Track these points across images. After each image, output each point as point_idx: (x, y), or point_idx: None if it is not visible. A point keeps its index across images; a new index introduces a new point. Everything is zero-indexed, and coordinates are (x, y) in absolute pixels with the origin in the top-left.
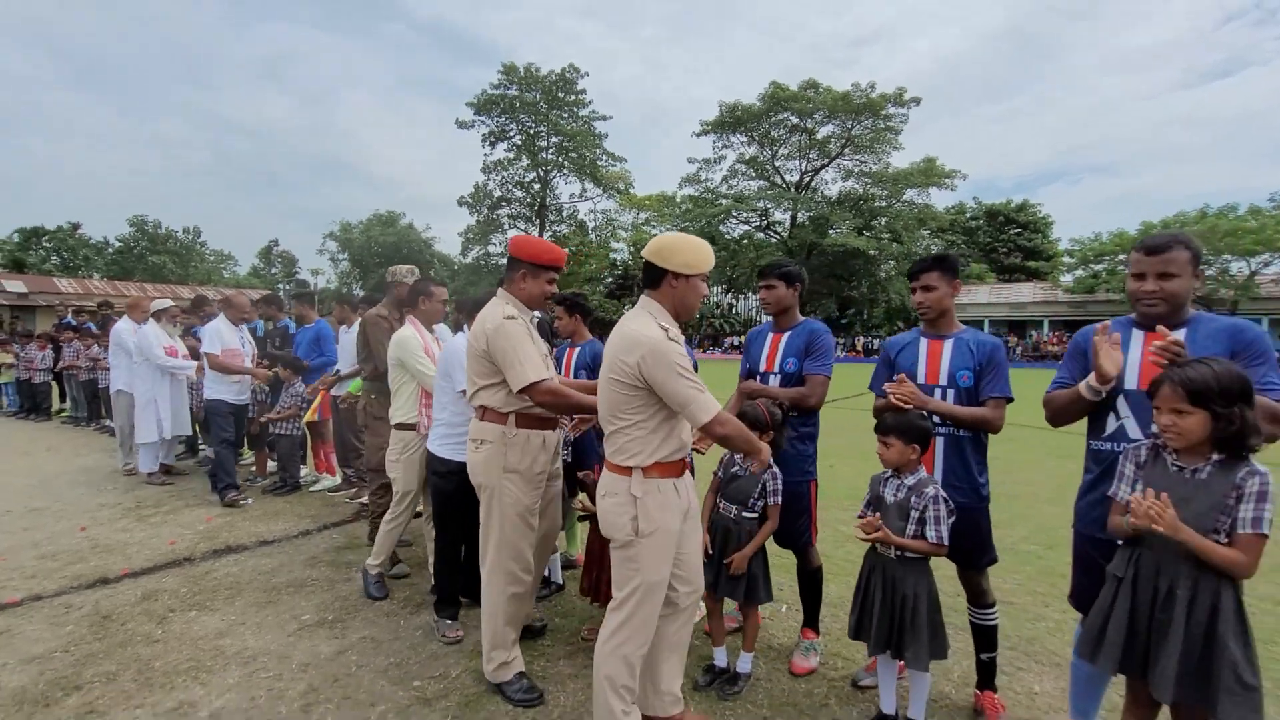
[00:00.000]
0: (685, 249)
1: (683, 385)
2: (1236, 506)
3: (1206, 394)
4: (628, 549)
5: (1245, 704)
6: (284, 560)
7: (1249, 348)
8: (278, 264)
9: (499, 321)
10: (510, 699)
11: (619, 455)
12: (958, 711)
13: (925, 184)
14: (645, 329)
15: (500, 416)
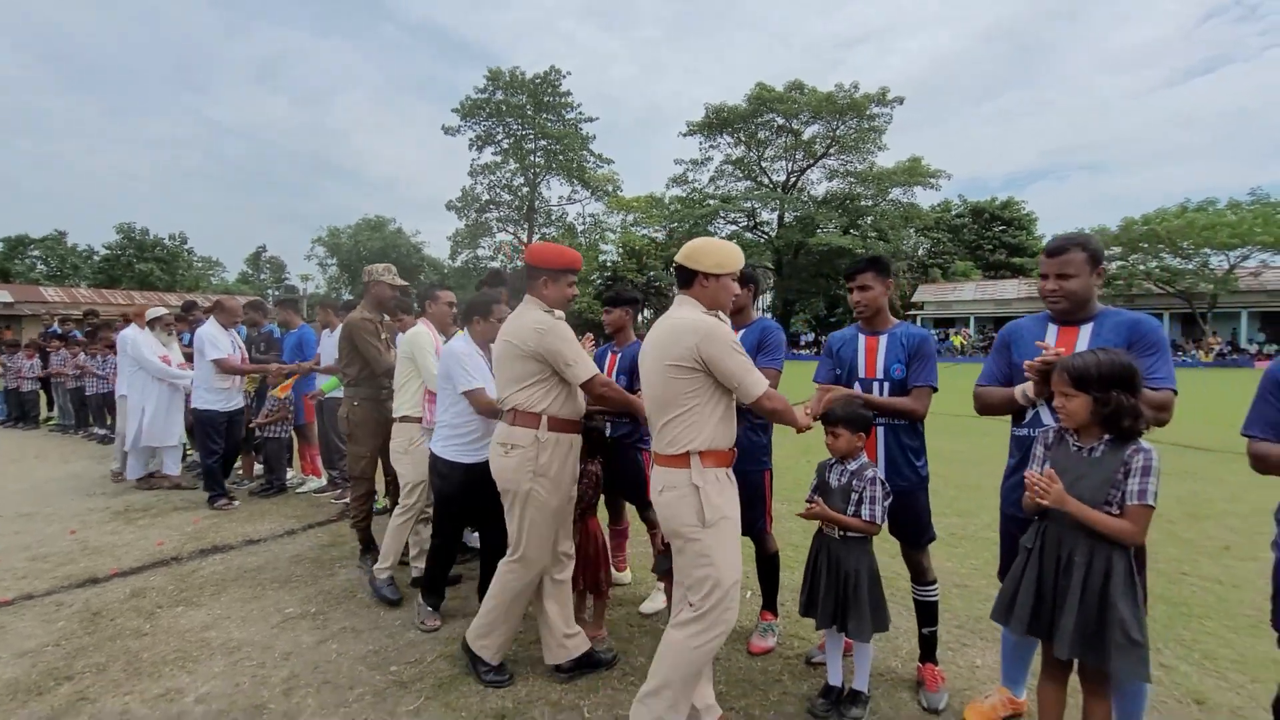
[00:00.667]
0: (715, 251)
1: (737, 360)
2: (1125, 481)
3: (1086, 379)
4: (696, 543)
5: (1133, 657)
6: (269, 558)
7: (1143, 339)
8: (266, 270)
9: (550, 321)
10: (481, 677)
11: (673, 445)
12: (902, 684)
13: (910, 183)
14: (696, 315)
15: (533, 419)
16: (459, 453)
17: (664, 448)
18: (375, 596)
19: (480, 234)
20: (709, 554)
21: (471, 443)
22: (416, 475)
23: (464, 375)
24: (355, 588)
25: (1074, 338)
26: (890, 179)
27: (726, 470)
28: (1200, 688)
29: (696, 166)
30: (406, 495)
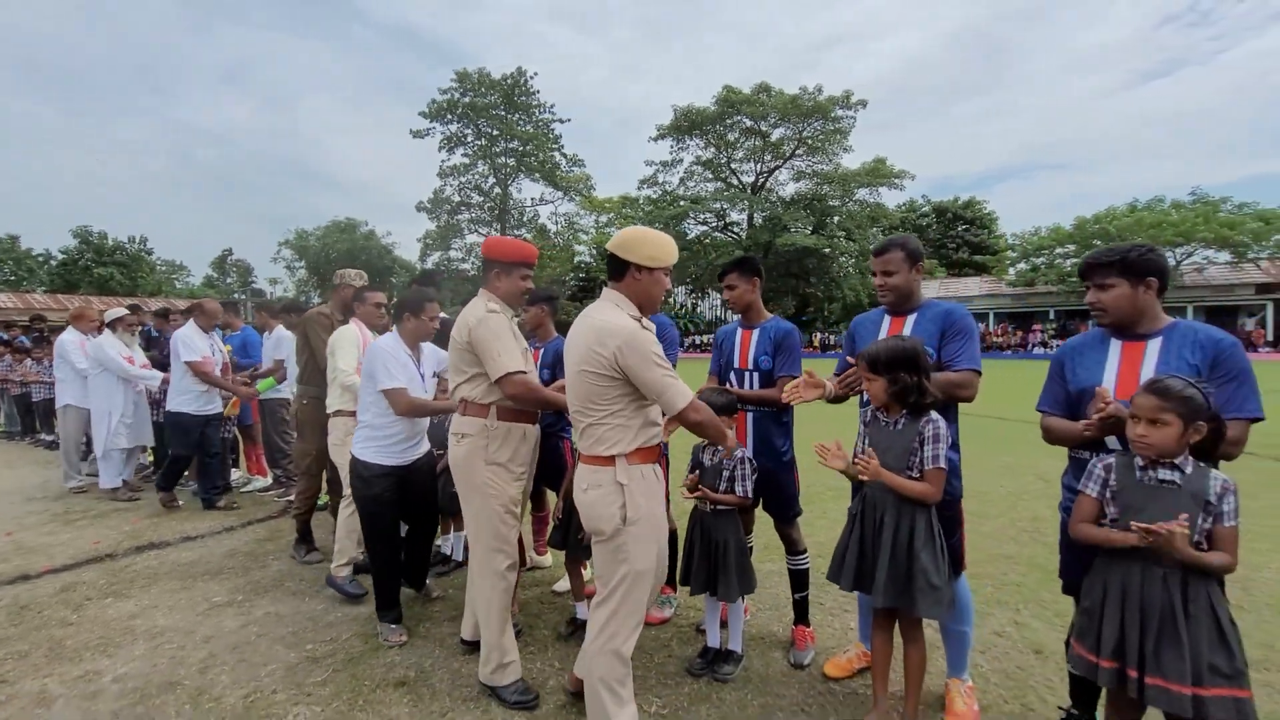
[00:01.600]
0: (649, 241)
1: (659, 374)
2: (921, 449)
3: (877, 364)
4: (615, 539)
5: (932, 599)
6: (204, 553)
7: (952, 327)
8: (233, 273)
9: (482, 314)
10: (505, 700)
11: (599, 446)
12: (778, 644)
13: (874, 183)
14: (617, 319)
15: (481, 409)
16: (379, 454)
17: (588, 448)
18: (337, 591)
19: (451, 236)
20: (627, 548)
21: (396, 444)
22: None
23: (384, 373)
24: (285, 577)
25: (901, 326)
26: (855, 180)
27: (654, 466)
28: (1043, 640)
29: (667, 168)
30: (348, 486)
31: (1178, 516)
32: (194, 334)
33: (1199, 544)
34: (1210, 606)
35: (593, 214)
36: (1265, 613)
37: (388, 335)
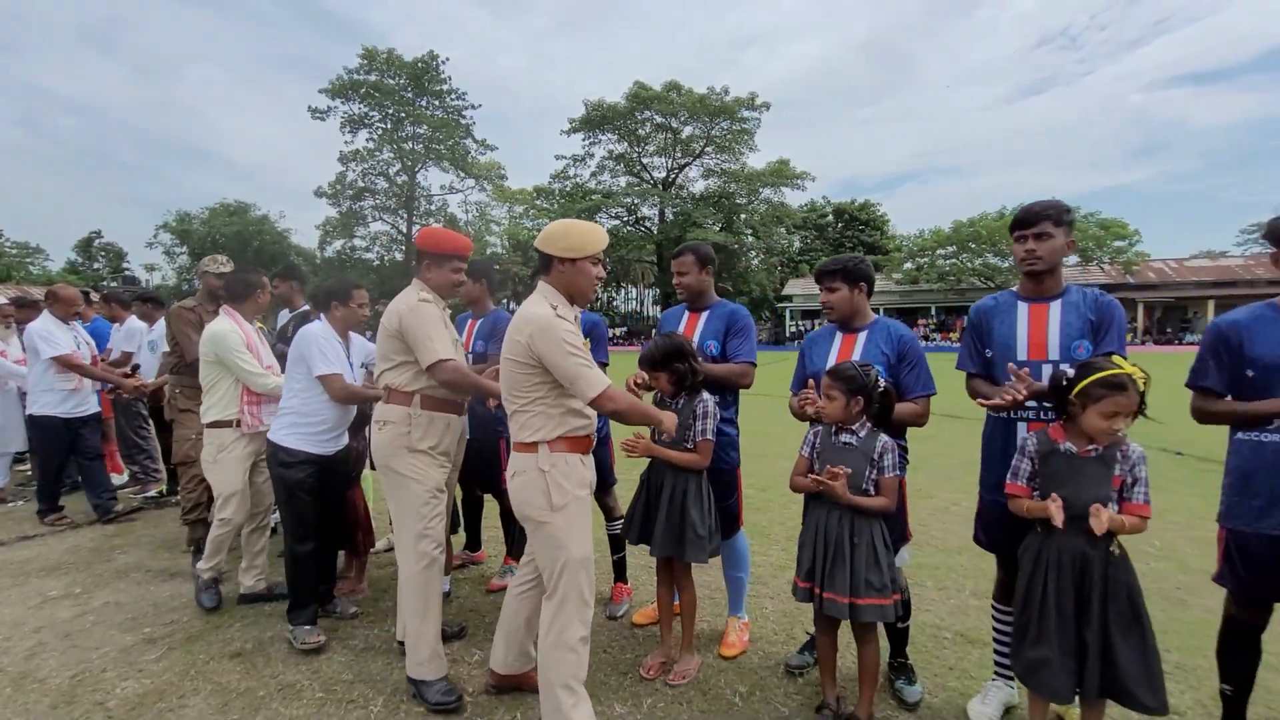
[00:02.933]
0: (570, 234)
1: (570, 362)
2: (694, 424)
3: (654, 361)
4: (545, 527)
5: (698, 547)
6: (43, 550)
7: (733, 325)
8: (101, 258)
9: (414, 303)
10: (428, 701)
11: (523, 432)
12: (600, 603)
13: (778, 183)
14: (536, 309)
15: (405, 397)
16: (304, 441)
17: (516, 434)
18: (195, 601)
19: (354, 223)
20: (558, 536)
21: (321, 433)
22: (229, 485)
23: (320, 359)
24: (130, 569)
25: (696, 322)
26: (760, 179)
27: (580, 456)
28: None
29: (579, 162)
30: (222, 507)
31: (841, 470)
32: (52, 326)
33: (867, 490)
34: (871, 538)
35: (505, 204)
36: None
37: (316, 322)
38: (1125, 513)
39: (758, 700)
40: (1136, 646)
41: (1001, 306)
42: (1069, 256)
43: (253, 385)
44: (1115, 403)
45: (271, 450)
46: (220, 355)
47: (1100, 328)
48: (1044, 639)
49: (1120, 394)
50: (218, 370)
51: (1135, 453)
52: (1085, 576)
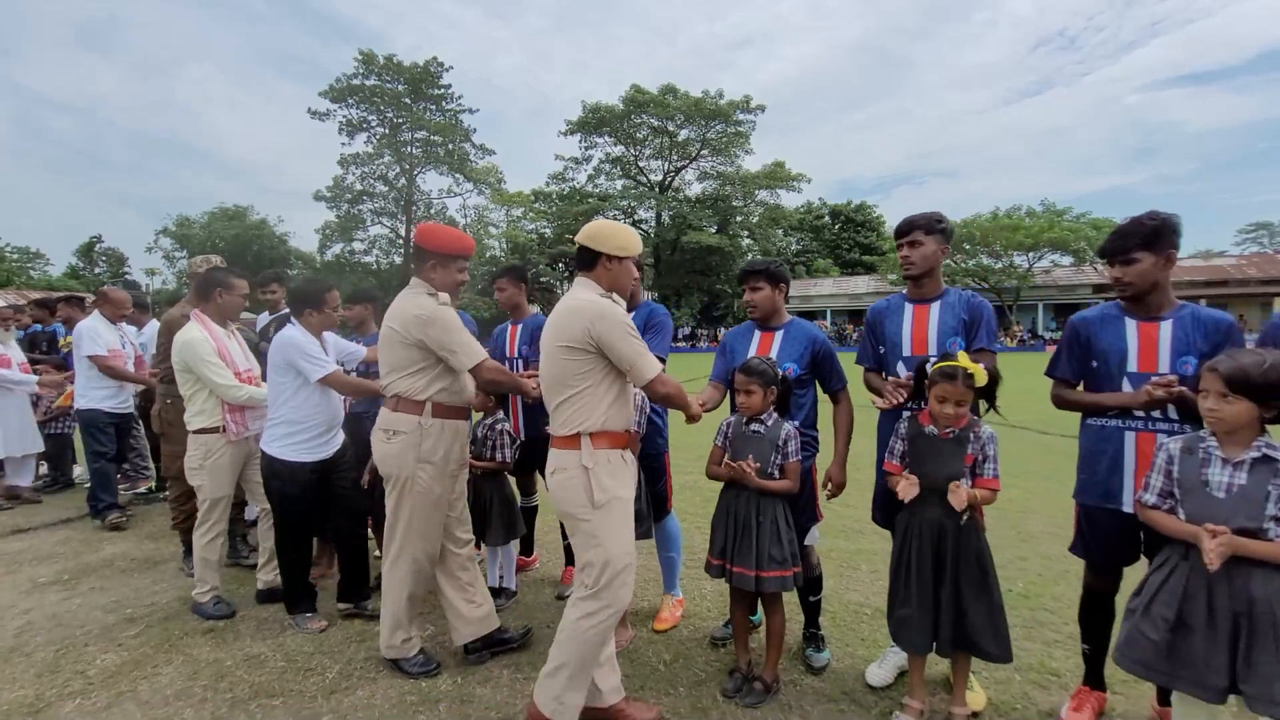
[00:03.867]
0: (619, 234)
1: (631, 344)
2: None
3: None
4: (587, 524)
5: (642, 526)
6: (35, 542)
7: (651, 322)
8: (102, 263)
9: (434, 308)
10: (408, 672)
11: (566, 426)
12: (550, 583)
13: (773, 185)
14: (591, 297)
15: (416, 406)
16: (300, 451)
17: (558, 429)
18: (205, 618)
19: (353, 227)
20: (598, 535)
21: (315, 438)
22: (216, 490)
23: (312, 364)
24: (116, 558)
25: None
26: (755, 182)
27: (621, 452)
28: None
29: (577, 164)
30: (207, 513)
31: (749, 458)
32: (100, 325)
33: (773, 474)
34: (774, 517)
35: (503, 207)
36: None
37: (290, 328)
38: (977, 486)
39: (679, 667)
40: (984, 604)
41: (892, 307)
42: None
43: (226, 397)
44: (943, 389)
45: (267, 463)
46: (190, 364)
47: (972, 326)
48: (908, 600)
49: (948, 383)
50: (191, 379)
51: (986, 434)
52: (941, 543)
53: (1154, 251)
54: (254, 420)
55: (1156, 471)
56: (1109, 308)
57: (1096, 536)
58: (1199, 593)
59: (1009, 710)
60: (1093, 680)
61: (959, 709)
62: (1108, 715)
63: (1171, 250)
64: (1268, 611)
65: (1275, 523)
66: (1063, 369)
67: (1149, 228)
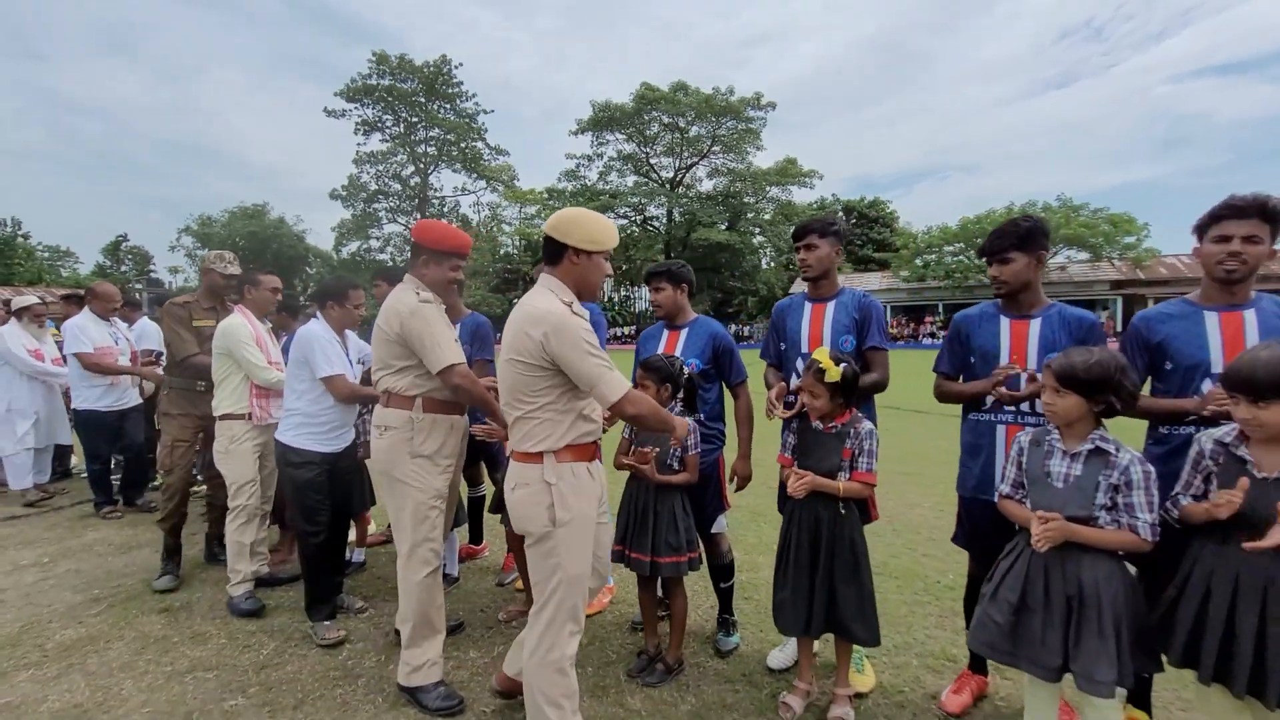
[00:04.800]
0: (587, 224)
1: (590, 363)
2: None
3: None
4: (545, 542)
5: None
6: (24, 528)
7: None
8: (129, 261)
9: (414, 305)
10: (426, 708)
11: (526, 442)
12: (493, 570)
13: (784, 182)
14: (548, 304)
15: (406, 401)
16: (313, 441)
17: (518, 442)
18: (237, 613)
19: (369, 224)
20: (557, 553)
21: (327, 431)
22: (242, 475)
23: (324, 361)
24: (96, 544)
25: None
26: (766, 178)
27: (588, 464)
28: None
29: (588, 162)
30: (234, 496)
31: (651, 450)
32: (88, 322)
33: (673, 466)
34: (673, 507)
35: (517, 205)
36: (900, 535)
37: (315, 322)
38: (853, 479)
39: (594, 648)
40: (854, 590)
41: (794, 306)
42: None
43: (255, 378)
44: (806, 381)
45: (281, 451)
46: (230, 347)
47: (863, 324)
48: (785, 585)
49: (808, 374)
50: (228, 364)
51: (864, 430)
52: (819, 532)
53: (1027, 252)
54: (276, 408)
55: (1010, 463)
56: (988, 306)
57: (974, 526)
58: (1038, 577)
59: (896, 692)
60: (976, 665)
61: (841, 690)
62: (990, 699)
63: (1042, 251)
64: (1094, 595)
65: (1105, 511)
66: (944, 364)
67: (1023, 229)
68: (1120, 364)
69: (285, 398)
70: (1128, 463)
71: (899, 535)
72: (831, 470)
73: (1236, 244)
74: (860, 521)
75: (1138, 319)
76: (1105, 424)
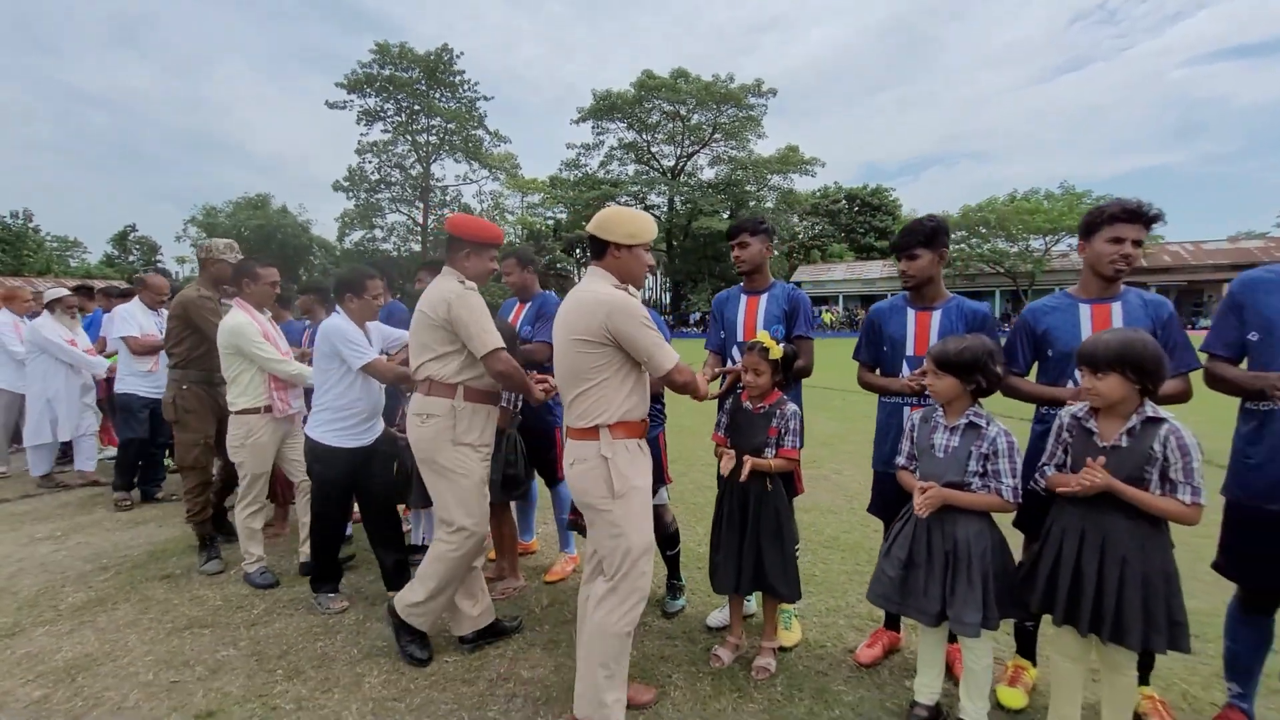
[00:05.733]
0: (627, 220)
1: (649, 336)
2: None
3: None
4: (606, 515)
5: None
6: (40, 505)
7: (543, 312)
8: (136, 251)
9: (460, 291)
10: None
11: (583, 419)
12: None
13: (784, 170)
14: (605, 289)
15: (449, 389)
16: (342, 437)
17: (574, 421)
18: (254, 587)
19: (372, 214)
20: (620, 524)
21: (356, 425)
22: (257, 466)
23: (355, 352)
24: (105, 519)
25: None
26: (767, 166)
27: (638, 441)
28: None
29: (589, 150)
30: (247, 488)
31: None
32: (138, 310)
33: None
34: None
35: (519, 194)
36: (856, 514)
37: (336, 316)
38: (779, 455)
39: (553, 609)
40: (778, 553)
41: (732, 298)
42: None
43: (278, 373)
44: (747, 359)
45: (310, 447)
46: (241, 347)
47: (792, 315)
48: (720, 548)
49: (752, 353)
50: (239, 361)
51: (789, 411)
52: (747, 501)
53: (931, 249)
54: (295, 399)
55: (905, 438)
56: (898, 299)
57: (884, 497)
58: (922, 537)
59: (819, 646)
60: (890, 623)
61: (767, 643)
62: (902, 652)
63: (943, 249)
64: (966, 550)
65: (978, 477)
66: (861, 354)
67: (928, 228)
68: (988, 349)
69: (315, 394)
70: (995, 434)
71: (855, 513)
72: (758, 447)
73: (1128, 246)
74: (787, 494)
75: (1026, 310)
76: (982, 402)
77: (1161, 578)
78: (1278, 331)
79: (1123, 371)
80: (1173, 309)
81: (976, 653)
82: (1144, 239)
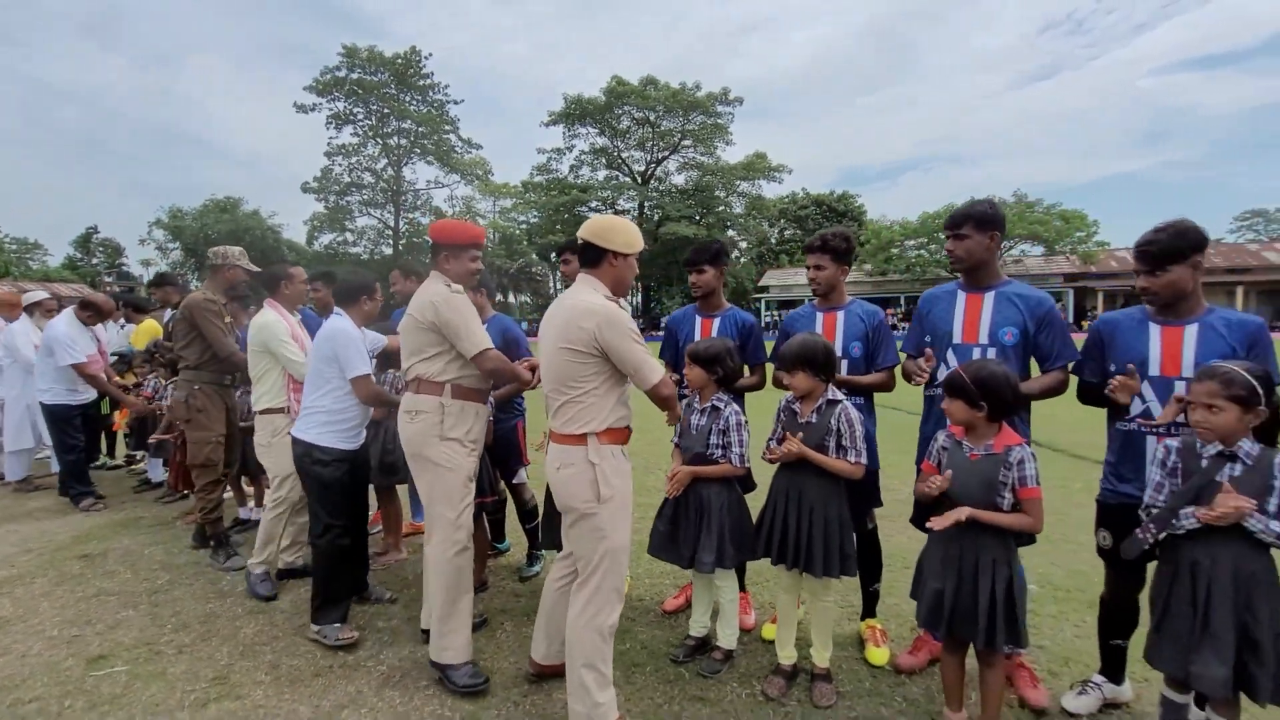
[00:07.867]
0: (623, 230)
1: (637, 350)
2: None
3: None
4: (591, 519)
5: None
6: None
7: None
8: (99, 254)
9: (446, 294)
10: (455, 684)
11: (571, 424)
12: None
13: (751, 176)
14: (596, 300)
15: (436, 387)
16: (337, 439)
17: (561, 426)
18: (250, 593)
19: (342, 217)
20: (604, 528)
21: (350, 429)
22: (284, 467)
23: (358, 359)
24: (35, 510)
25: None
26: (734, 173)
27: (622, 447)
28: None
29: (560, 155)
30: (276, 489)
31: None
32: (76, 333)
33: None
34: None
35: (491, 198)
36: None
37: (343, 319)
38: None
39: None
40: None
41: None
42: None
43: (296, 374)
44: None
45: (304, 449)
46: (268, 343)
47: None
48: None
49: None
50: (266, 359)
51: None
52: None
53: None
54: None
55: None
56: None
57: None
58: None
59: (638, 600)
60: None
61: None
62: None
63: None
64: (708, 505)
65: (720, 450)
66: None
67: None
68: (727, 347)
69: (306, 393)
70: (728, 414)
71: None
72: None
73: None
74: None
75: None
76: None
77: (837, 522)
78: (939, 337)
79: (804, 368)
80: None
81: (724, 590)
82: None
